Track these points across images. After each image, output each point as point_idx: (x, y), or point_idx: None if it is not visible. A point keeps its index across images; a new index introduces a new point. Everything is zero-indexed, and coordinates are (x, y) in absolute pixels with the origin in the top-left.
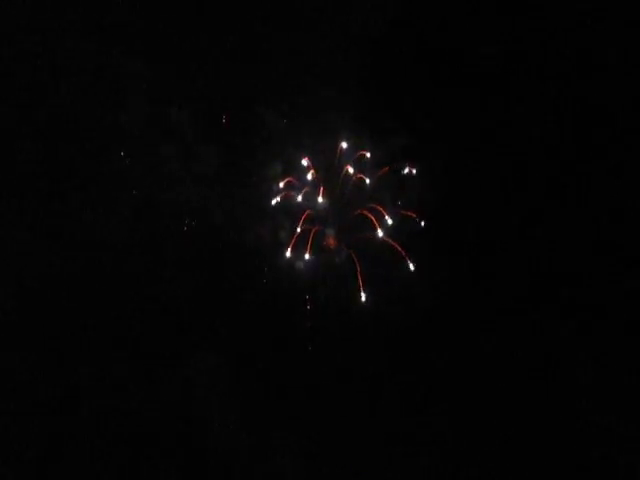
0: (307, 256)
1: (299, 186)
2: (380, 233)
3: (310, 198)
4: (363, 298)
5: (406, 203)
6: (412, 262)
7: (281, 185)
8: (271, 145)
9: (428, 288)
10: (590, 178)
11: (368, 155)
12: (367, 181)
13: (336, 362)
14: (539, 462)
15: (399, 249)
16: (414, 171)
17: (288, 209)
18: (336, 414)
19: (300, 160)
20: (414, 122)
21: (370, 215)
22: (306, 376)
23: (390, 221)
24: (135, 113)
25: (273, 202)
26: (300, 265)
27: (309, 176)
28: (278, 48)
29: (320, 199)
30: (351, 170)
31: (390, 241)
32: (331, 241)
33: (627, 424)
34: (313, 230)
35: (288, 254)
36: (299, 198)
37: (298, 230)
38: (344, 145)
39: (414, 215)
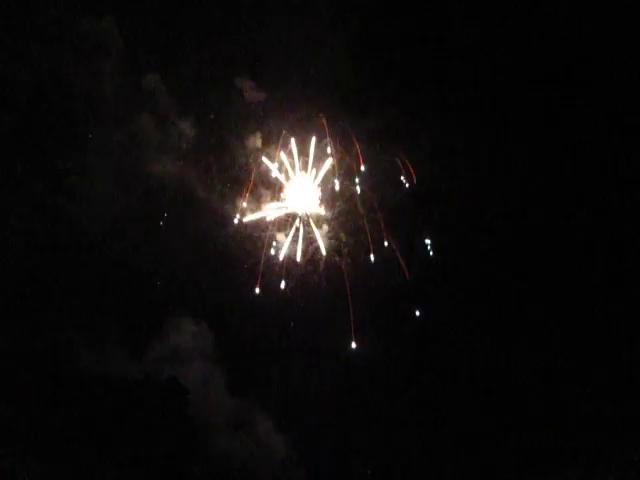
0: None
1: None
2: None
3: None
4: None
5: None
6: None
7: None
8: (250, 118)
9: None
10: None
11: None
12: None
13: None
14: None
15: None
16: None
17: (267, 185)
18: (319, 380)
19: (280, 134)
20: (402, 98)
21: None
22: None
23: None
24: (109, 82)
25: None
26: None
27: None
28: (262, 20)
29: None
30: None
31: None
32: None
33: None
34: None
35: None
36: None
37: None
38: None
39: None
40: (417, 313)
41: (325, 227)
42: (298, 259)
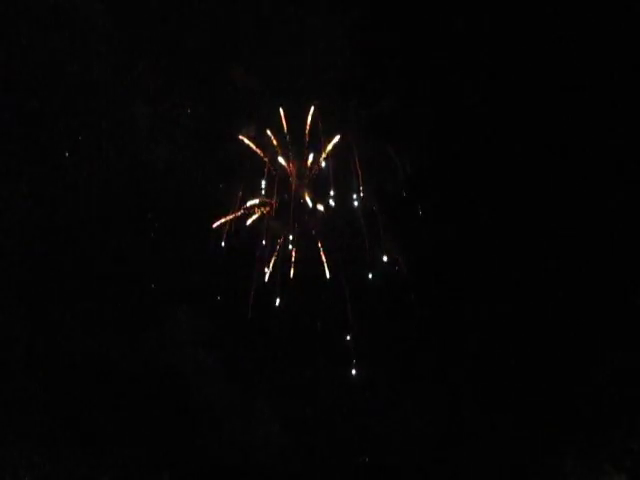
0: None
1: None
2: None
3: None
4: None
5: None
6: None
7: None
8: (244, 104)
9: None
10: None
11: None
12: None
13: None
14: None
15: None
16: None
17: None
18: (319, 365)
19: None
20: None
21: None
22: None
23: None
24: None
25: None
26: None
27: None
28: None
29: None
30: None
31: None
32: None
33: None
34: None
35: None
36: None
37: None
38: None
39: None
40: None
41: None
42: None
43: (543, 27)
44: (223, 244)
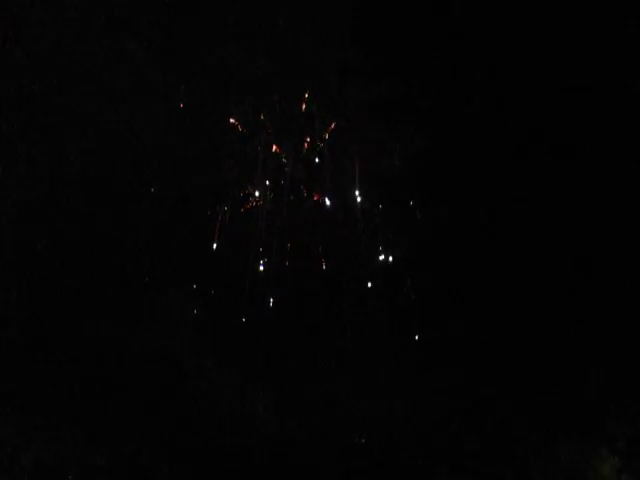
0: None
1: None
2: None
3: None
4: None
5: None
6: None
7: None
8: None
9: None
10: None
11: None
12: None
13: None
14: None
15: None
16: None
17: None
18: (312, 346)
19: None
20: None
21: None
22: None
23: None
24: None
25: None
26: None
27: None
28: None
29: None
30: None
31: None
32: None
33: None
34: None
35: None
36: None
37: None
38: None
39: None
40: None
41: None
42: None
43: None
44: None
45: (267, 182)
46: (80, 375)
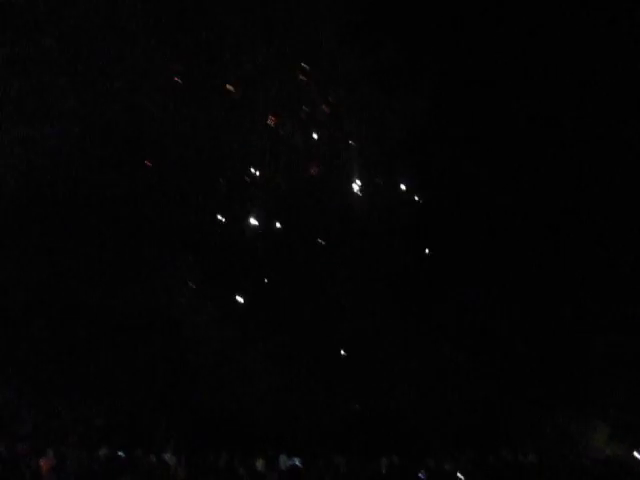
0: None
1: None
2: None
3: None
4: None
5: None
6: None
7: None
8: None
9: None
10: None
11: None
12: None
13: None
14: None
15: None
16: None
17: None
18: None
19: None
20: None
21: None
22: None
23: None
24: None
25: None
26: None
27: None
28: None
29: None
30: None
31: None
32: None
33: None
34: None
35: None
36: None
37: None
38: None
39: None
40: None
41: None
42: None
43: None
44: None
45: (265, 154)
46: (79, 337)
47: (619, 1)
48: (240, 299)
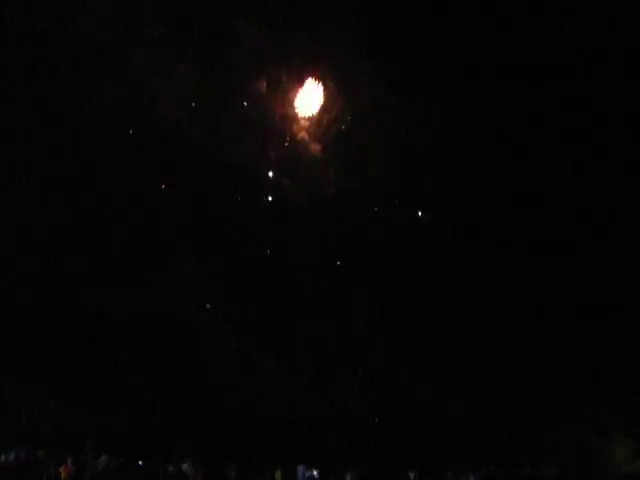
0: None
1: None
2: None
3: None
4: None
5: None
6: None
7: None
8: (252, 59)
9: None
10: None
11: None
12: None
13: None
14: None
15: None
16: None
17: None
18: (322, 318)
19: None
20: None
21: None
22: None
23: None
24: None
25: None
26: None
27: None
28: None
29: None
30: None
31: None
32: None
33: None
34: None
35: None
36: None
37: None
38: None
39: None
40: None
41: None
42: None
43: None
44: None
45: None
46: (97, 343)
47: None
48: (251, 310)
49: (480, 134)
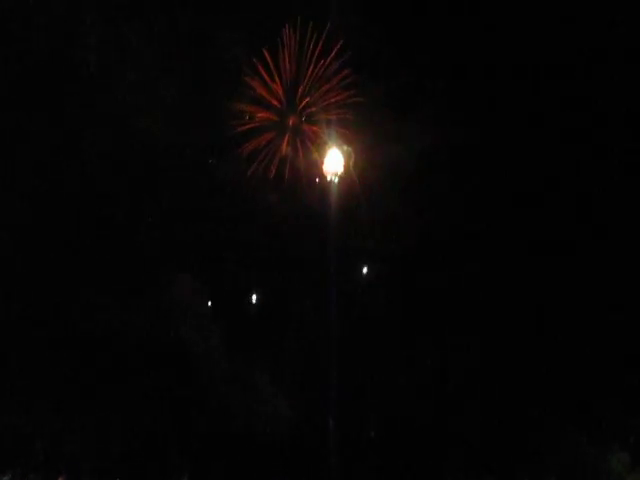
0: None
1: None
2: None
3: None
4: None
5: None
6: None
7: None
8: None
9: None
10: None
11: None
12: None
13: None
14: None
15: None
16: None
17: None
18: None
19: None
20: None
21: None
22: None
23: None
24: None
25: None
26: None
27: None
28: None
29: None
30: None
31: None
32: None
33: None
34: None
35: None
36: None
37: None
38: None
39: None
40: None
41: None
42: None
43: None
44: None
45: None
46: (92, 364)
47: None
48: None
49: (480, 134)
